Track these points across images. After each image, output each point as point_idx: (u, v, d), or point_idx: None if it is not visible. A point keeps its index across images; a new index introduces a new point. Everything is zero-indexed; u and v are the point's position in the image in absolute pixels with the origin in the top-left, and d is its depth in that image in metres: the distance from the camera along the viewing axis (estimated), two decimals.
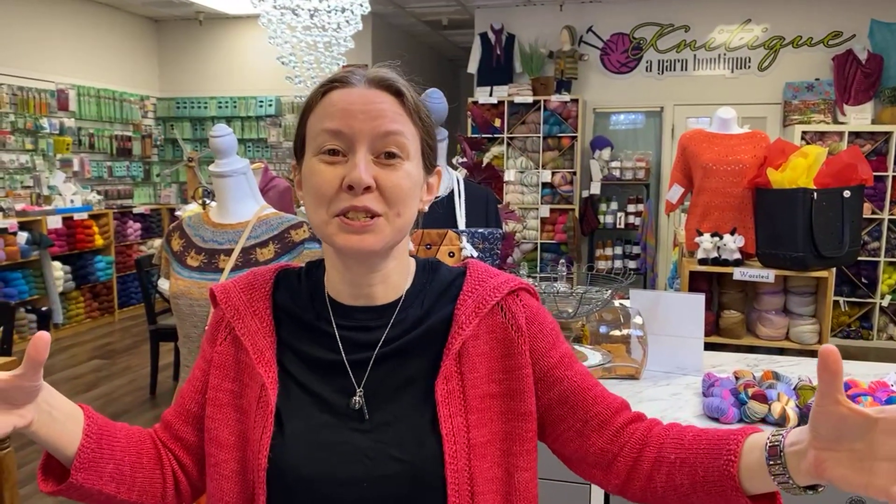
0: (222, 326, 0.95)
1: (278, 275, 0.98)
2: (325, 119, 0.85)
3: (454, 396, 0.88)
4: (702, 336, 2.07)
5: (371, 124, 0.83)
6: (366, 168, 0.82)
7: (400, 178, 0.84)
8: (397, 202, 0.84)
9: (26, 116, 6.42)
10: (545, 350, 0.93)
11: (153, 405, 4.56)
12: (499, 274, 0.96)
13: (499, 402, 0.90)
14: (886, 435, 0.67)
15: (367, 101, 0.84)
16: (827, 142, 5.96)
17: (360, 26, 4.85)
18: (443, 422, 0.86)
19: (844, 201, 3.10)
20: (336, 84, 0.86)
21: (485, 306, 0.91)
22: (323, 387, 0.90)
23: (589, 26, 6.99)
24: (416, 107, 0.88)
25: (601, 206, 6.93)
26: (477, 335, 0.90)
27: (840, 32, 6.42)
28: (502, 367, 0.91)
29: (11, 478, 2.71)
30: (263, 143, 7.94)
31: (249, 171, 1.95)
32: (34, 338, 0.74)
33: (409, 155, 0.86)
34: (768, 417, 1.65)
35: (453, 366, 0.89)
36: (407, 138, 0.86)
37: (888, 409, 0.67)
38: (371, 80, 0.86)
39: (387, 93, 0.86)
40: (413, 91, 0.89)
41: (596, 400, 0.93)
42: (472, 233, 2.01)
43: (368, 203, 0.83)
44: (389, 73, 0.88)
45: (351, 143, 0.84)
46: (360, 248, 0.84)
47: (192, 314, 1.80)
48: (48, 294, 6.14)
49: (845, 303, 6.09)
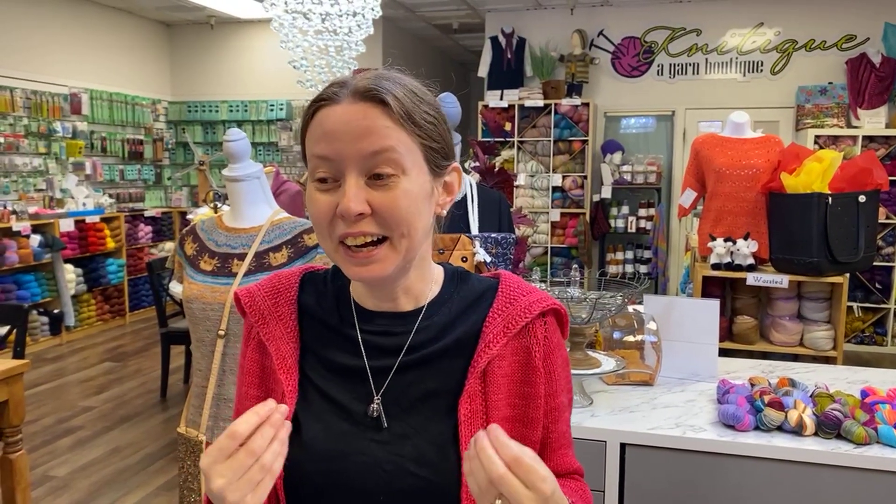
0: (253, 333, 0.95)
1: (304, 277, 0.97)
2: (314, 143, 0.82)
3: (477, 416, 0.86)
4: (716, 342, 2.05)
5: (357, 146, 0.79)
6: (356, 195, 0.79)
7: (396, 198, 0.80)
8: (399, 224, 0.80)
9: (39, 120, 6.46)
10: (548, 394, 0.91)
11: (164, 408, 4.57)
12: (531, 291, 0.92)
13: (512, 426, 0.88)
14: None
15: (351, 119, 0.79)
16: (840, 146, 5.92)
17: (372, 30, 4.86)
18: (464, 442, 0.84)
19: (860, 206, 3.07)
20: (322, 103, 0.82)
21: (514, 327, 0.88)
22: (343, 394, 0.89)
23: (600, 30, 6.97)
24: (408, 112, 0.81)
25: (612, 210, 6.90)
26: (503, 356, 0.88)
27: (854, 36, 6.38)
28: (520, 392, 0.89)
29: (24, 480, 2.72)
30: (274, 146, 7.96)
31: (263, 175, 1.95)
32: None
33: (404, 169, 0.80)
34: (785, 425, 1.64)
35: (477, 384, 0.86)
36: (399, 152, 0.80)
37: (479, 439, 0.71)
38: (356, 93, 0.80)
39: (372, 104, 0.80)
40: (408, 92, 0.83)
41: (559, 461, 0.93)
42: (486, 237, 2.00)
43: (365, 228, 0.80)
44: (376, 80, 0.81)
45: (339, 168, 0.80)
46: (368, 278, 0.83)
47: (205, 318, 1.80)
48: (60, 296, 6.17)
49: (859, 308, 6.03)
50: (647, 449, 1.66)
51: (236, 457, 0.70)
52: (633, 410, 1.80)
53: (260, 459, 0.70)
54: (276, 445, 0.71)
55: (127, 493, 3.41)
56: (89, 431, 4.16)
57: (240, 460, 0.69)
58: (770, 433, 1.63)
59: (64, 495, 3.38)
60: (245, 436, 0.70)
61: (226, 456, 0.70)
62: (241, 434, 0.70)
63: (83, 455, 3.83)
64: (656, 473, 1.66)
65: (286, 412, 0.73)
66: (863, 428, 1.57)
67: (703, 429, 1.67)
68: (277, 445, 0.71)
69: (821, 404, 1.67)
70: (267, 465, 0.70)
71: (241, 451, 0.70)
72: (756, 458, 1.59)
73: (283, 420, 0.73)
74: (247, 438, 0.70)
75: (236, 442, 0.70)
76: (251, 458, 0.69)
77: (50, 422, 4.29)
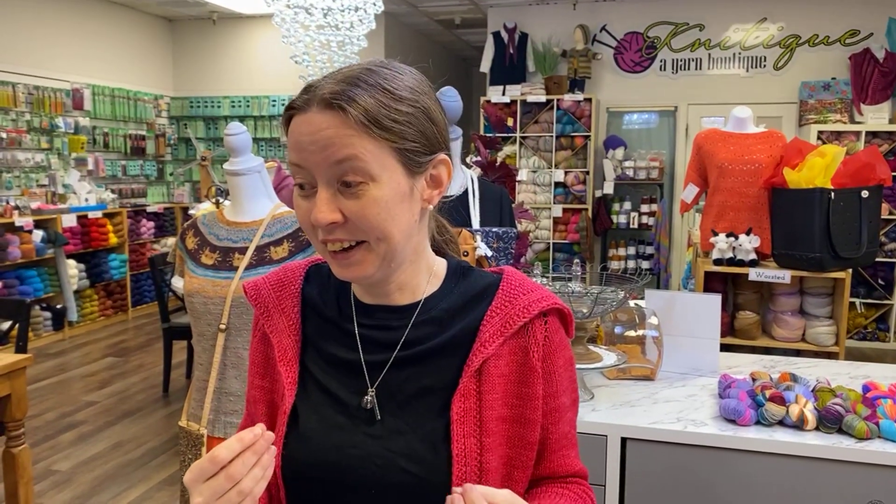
0: (259, 324, 0.97)
1: (310, 269, 0.98)
2: (289, 151, 0.83)
3: (469, 416, 0.85)
4: (718, 337, 2.05)
5: (321, 156, 0.79)
6: (327, 205, 0.80)
7: (364, 206, 0.79)
8: (370, 230, 0.80)
9: (42, 115, 6.47)
10: (548, 394, 0.90)
11: (166, 403, 4.58)
12: (533, 290, 0.91)
13: (508, 426, 0.87)
14: None
15: (314, 129, 0.79)
16: (843, 142, 5.90)
17: (374, 25, 4.85)
18: (455, 441, 0.84)
19: (862, 201, 3.06)
20: (292, 111, 0.82)
21: (512, 326, 0.88)
22: (340, 387, 0.89)
23: (602, 25, 6.96)
24: (373, 118, 0.79)
25: (614, 205, 6.89)
26: (499, 355, 0.87)
27: (857, 31, 6.36)
28: (517, 392, 0.88)
29: (27, 474, 2.73)
30: (276, 142, 7.96)
31: (264, 169, 1.95)
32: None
33: (372, 176, 0.79)
34: (786, 420, 1.63)
35: (472, 384, 0.86)
36: (364, 159, 0.78)
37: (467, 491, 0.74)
38: (321, 102, 0.79)
39: (335, 112, 0.78)
40: (377, 92, 0.80)
41: (560, 463, 0.93)
42: (487, 232, 1.99)
43: (339, 235, 0.81)
44: (340, 84, 0.80)
45: (311, 176, 0.81)
46: (352, 278, 0.84)
47: (207, 312, 1.80)
48: (63, 292, 6.18)
49: (861, 304, 6.02)
50: (648, 443, 1.66)
51: (216, 479, 0.72)
52: (634, 405, 1.80)
53: (238, 484, 0.72)
54: (257, 471, 0.73)
55: (129, 487, 3.42)
56: (92, 426, 4.17)
57: (219, 482, 0.72)
58: (771, 428, 1.63)
59: (66, 489, 3.39)
60: (225, 461, 0.72)
61: (206, 478, 0.72)
62: (221, 459, 0.72)
63: (86, 449, 3.84)
64: (657, 468, 1.66)
65: (272, 439, 0.76)
66: (864, 423, 1.57)
67: (705, 423, 1.67)
68: (258, 471, 0.74)
69: (822, 399, 1.67)
70: (245, 490, 0.72)
71: (220, 475, 0.72)
72: (757, 453, 1.59)
73: (267, 446, 0.75)
74: (229, 463, 0.72)
75: (216, 466, 0.72)
76: (229, 483, 0.72)
77: (52, 416, 4.30)
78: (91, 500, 3.30)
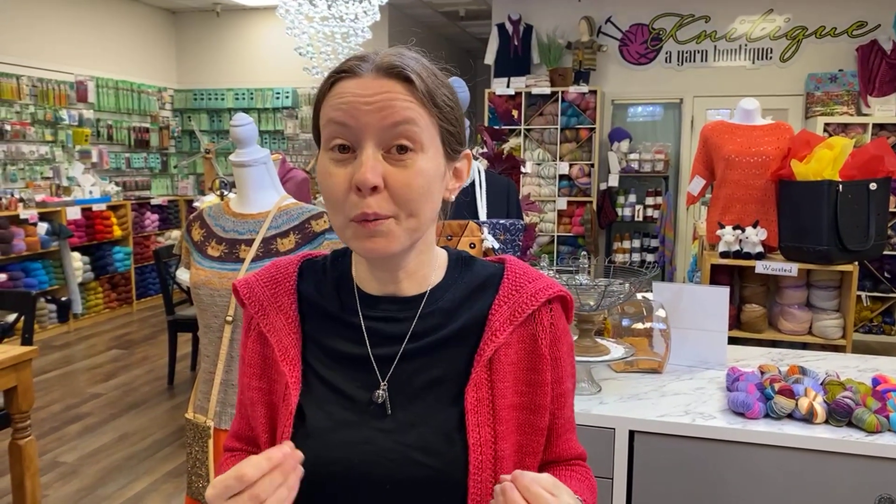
0: (253, 324, 0.94)
1: (302, 264, 0.95)
2: (333, 111, 0.80)
3: (483, 405, 0.85)
4: (726, 330, 2.04)
5: (377, 116, 0.78)
6: (373, 167, 0.78)
7: (411, 176, 0.79)
8: (408, 202, 0.80)
9: (46, 108, 6.46)
10: (555, 380, 0.91)
11: (171, 395, 4.59)
12: (537, 278, 0.92)
13: (518, 413, 0.87)
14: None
15: (373, 91, 0.79)
16: (850, 134, 5.87)
17: (378, 16, 4.83)
18: (470, 431, 0.83)
19: (870, 194, 3.04)
20: (343, 74, 0.81)
21: (520, 315, 0.88)
22: (347, 382, 0.87)
23: (608, 17, 6.92)
24: (430, 91, 0.81)
25: (619, 198, 6.87)
26: (509, 343, 0.87)
27: (864, 22, 6.31)
28: (527, 379, 0.88)
29: (33, 465, 2.74)
30: (280, 134, 7.95)
31: (270, 161, 1.93)
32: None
33: (422, 146, 0.80)
34: (795, 413, 1.62)
35: (483, 373, 0.86)
36: (419, 126, 0.79)
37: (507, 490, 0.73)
38: (378, 68, 0.80)
39: (395, 80, 0.79)
40: (430, 73, 0.83)
41: (564, 447, 0.95)
42: (494, 224, 1.98)
43: (377, 208, 0.79)
44: (399, 57, 0.81)
45: (358, 137, 0.79)
46: (375, 252, 0.81)
47: (213, 304, 1.80)
48: (67, 284, 6.19)
49: (867, 297, 6.00)
50: (655, 436, 1.65)
51: (240, 498, 0.70)
52: (641, 398, 1.79)
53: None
54: (283, 491, 0.71)
55: (135, 478, 3.43)
56: (97, 418, 4.18)
57: (242, 502, 0.70)
58: (780, 421, 1.62)
59: (72, 481, 3.40)
60: (253, 480, 0.70)
61: (230, 495, 0.70)
62: (249, 478, 0.70)
63: (91, 441, 3.85)
64: (665, 461, 1.65)
65: (300, 458, 0.73)
66: (874, 416, 1.56)
67: (713, 416, 1.66)
68: (284, 491, 0.71)
69: (832, 392, 1.66)
70: None
71: (244, 495, 0.70)
72: (766, 446, 1.58)
73: (295, 465, 0.73)
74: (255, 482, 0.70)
75: (242, 485, 0.70)
76: (254, 503, 0.70)
77: (58, 408, 4.32)
78: (97, 491, 3.31)
